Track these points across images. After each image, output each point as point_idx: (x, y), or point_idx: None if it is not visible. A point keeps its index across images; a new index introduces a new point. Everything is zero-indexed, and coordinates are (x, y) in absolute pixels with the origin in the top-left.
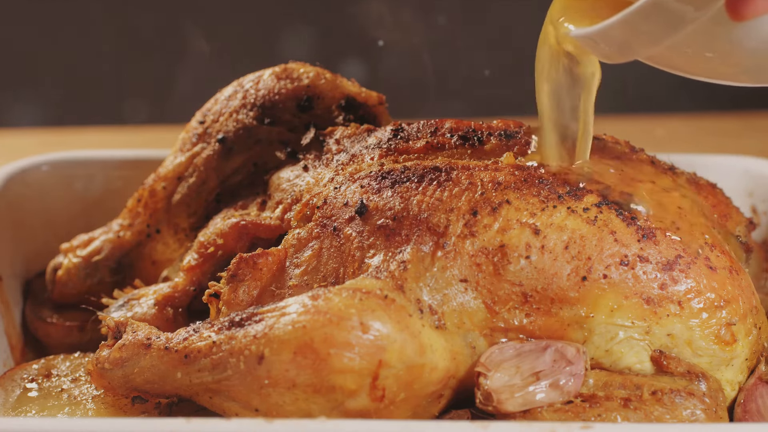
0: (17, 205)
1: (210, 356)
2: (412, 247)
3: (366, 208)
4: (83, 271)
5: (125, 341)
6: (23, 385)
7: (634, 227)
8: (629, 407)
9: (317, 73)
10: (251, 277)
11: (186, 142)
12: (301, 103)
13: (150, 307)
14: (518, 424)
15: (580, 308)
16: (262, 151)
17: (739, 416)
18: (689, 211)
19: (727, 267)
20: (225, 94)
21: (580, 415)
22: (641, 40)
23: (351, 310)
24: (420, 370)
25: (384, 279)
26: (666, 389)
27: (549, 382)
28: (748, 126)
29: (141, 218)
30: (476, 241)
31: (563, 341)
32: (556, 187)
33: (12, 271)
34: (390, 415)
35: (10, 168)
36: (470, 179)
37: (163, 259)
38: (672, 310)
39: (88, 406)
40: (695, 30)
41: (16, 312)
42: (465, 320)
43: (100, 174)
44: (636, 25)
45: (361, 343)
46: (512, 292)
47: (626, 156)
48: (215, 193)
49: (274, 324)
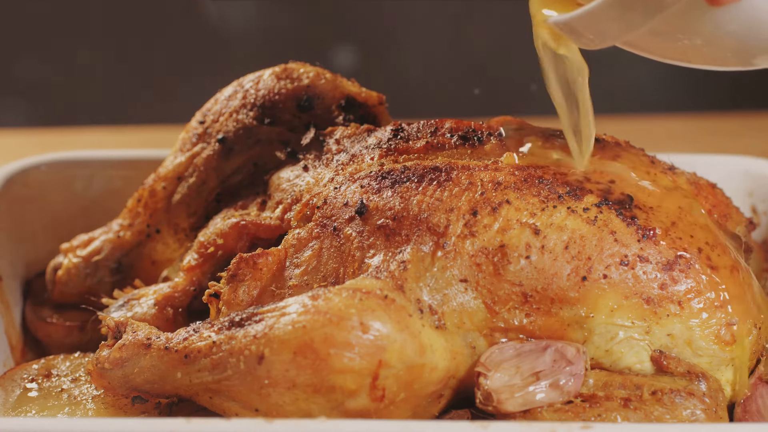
0: (17, 205)
1: (210, 356)
2: (412, 247)
3: (366, 208)
4: (83, 271)
5: (125, 341)
6: (23, 385)
7: (634, 227)
8: (629, 407)
9: (317, 73)
10: (251, 277)
11: (186, 142)
12: (301, 103)
13: (150, 307)
14: (518, 424)
15: (580, 308)
16: (262, 151)
17: (739, 416)
18: (689, 211)
19: (727, 266)
20: (225, 94)
21: (580, 415)
22: (620, 25)
23: (351, 310)
24: (420, 370)
25: (384, 279)
26: (666, 389)
27: (549, 382)
28: (748, 126)
29: (141, 218)
30: (476, 241)
31: (563, 341)
32: (556, 187)
33: (12, 271)
34: (390, 415)
35: (10, 168)
36: (470, 179)
37: (163, 259)
38: (672, 310)
39: (88, 406)
40: (675, 14)
41: (16, 312)
42: (465, 320)
43: (100, 174)
44: (614, 10)
45: (361, 343)
46: (512, 292)
47: (626, 156)
48: (215, 193)
49: (274, 324)
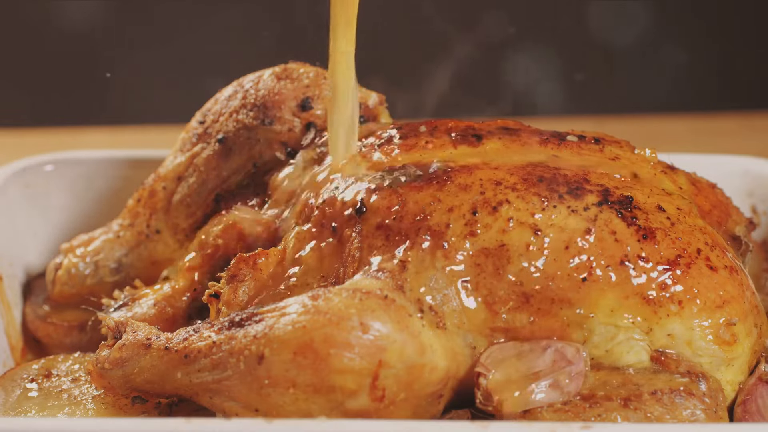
0: (17, 205)
1: (210, 356)
2: (412, 247)
3: (366, 207)
4: (83, 271)
5: (125, 341)
6: (23, 385)
7: (634, 227)
8: (629, 407)
9: (317, 73)
10: (251, 277)
11: (186, 142)
12: (301, 103)
13: (150, 307)
14: (518, 424)
15: (580, 308)
16: (262, 151)
17: (739, 416)
18: (689, 212)
19: (727, 267)
20: (225, 94)
21: (580, 415)
22: None
23: (351, 310)
24: (420, 370)
25: (384, 279)
26: (666, 389)
27: (549, 382)
28: (748, 126)
29: (141, 218)
30: (476, 241)
31: (563, 341)
32: (556, 186)
33: (12, 271)
34: (390, 415)
35: (10, 168)
36: (470, 179)
37: (163, 259)
38: (672, 310)
39: (88, 406)
40: None
41: (16, 312)
42: (465, 320)
43: (100, 174)
44: None
45: (361, 343)
46: (512, 292)
47: (626, 156)
48: (215, 193)
49: (274, 324)
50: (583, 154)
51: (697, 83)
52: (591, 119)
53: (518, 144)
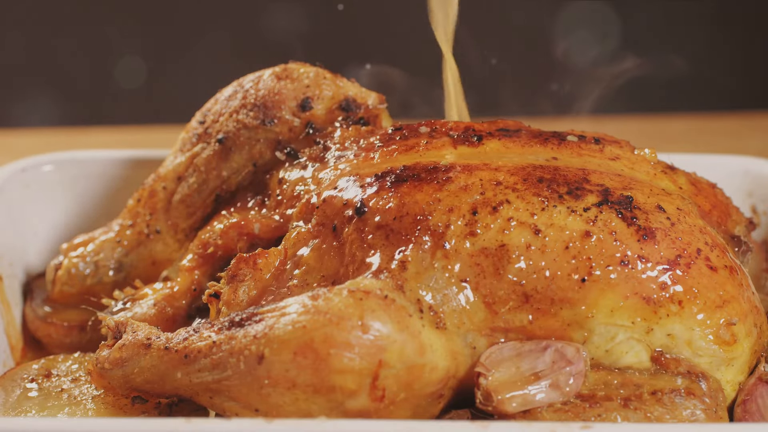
0: (17, 205)
1: (210, 356)
2: (412, 247)
3: (366, 207)
4: (83, 271)
5: (125, 341)
6: (23, 385)
7: (634, 227)
8: (629, 407)
9: (317, 73)
10: (251, 277)
11: (186, 142)
12: (301, 103)
13: (150, 307)
14: (518, 424)
15: (580, 308)
16: (262, 151)
17: (739, 416)
18: (689, 212)
19: (727, 267)
20: (225, 94)
21: (580, 415)
22: None
23: (351, 310)
24: (420, 370)
25: (384, 279)
26: (666, 389)
27: (549, 382)
28: (748, 126)
29: (141, 218)
30: (476, 241)
31: (563, 341)
32: (556, 186)
33: (12, 271)
34: (390, 415)
35: (10, 168)
36: (470, 179)
37: (163, 259)
38: (672, 310)
39: (88, 406)
40: None
41: (16, 312)
42: (465, 320)
43: (100, 174)
44: None
45: (361, 343)
46: (512, 292)
47: (626, 156)
48: (215, 194)
49: (274, 324)
50: (583, 155)
51: (697, 83)
52: (591, 119)
53: (518, 144)
